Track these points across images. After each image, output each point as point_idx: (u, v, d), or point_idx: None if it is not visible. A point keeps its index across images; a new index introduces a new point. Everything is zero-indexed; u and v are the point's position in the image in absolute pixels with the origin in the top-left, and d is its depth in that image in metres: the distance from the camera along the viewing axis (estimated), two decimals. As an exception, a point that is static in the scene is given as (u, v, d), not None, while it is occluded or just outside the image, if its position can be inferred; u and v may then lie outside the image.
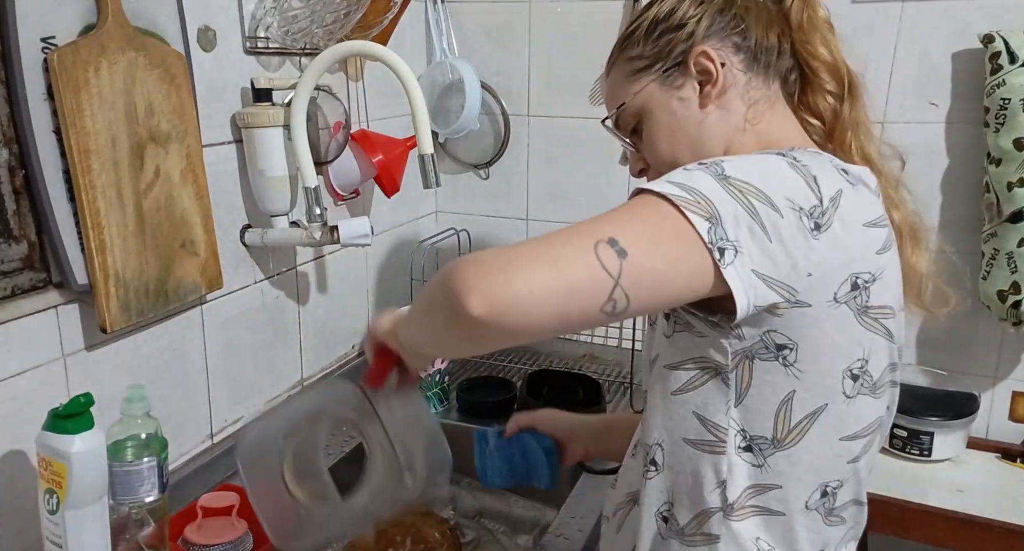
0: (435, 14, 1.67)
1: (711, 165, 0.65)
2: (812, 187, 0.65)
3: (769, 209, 0.62)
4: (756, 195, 0.62)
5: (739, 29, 0.78)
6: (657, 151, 0.82)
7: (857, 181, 0.70)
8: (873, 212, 0.69)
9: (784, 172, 0.65)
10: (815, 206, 0.64)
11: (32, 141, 0.88)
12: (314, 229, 1.20)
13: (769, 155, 0.68)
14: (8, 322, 0.89)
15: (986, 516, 1.29)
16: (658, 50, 0.80)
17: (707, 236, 0.60)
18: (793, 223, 0.62)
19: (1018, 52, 1.30)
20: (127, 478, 0.89)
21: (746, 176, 0.63)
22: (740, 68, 0.78)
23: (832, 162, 0.70)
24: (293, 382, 1.39)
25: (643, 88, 0.81)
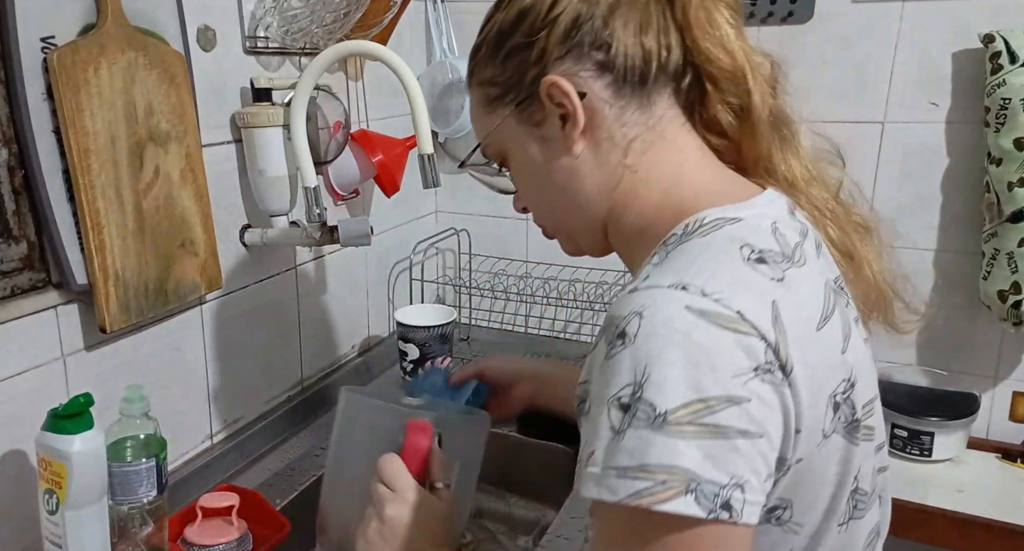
0: (435, 14, 1.67)
1: (634, 408, 0.50)
2: (746, 332, 0.51)
3: (731, 406, 0.50)
4: (709, 410, 0.49)
5: (602, 42, 0.61)
6: (530, 202, 0.71)
7: (777, 258, 0.57)
8: (814, 297, 0.58)
9: (708, 345, 0.50)
10: (765, 350, 0.52)
11: (32, 141, 0.88)
12: (314, 229, 1.20)
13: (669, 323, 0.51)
14: (8, 322, 0.89)
15: (986, 516, 1.29)
16: (509, 75, 0.64)
17: (700, 508, 0.48)
18: (762, 393, 0.51)
19: (1018, 52, 1.30)
20: (126, 478, 0.89)
21: (682, 399, 0.49)
22: (607, 96, 0.62)
23: (746, 255, 0.56)
24: (293, 382, 1.39)
25: (498, 125, 0.67)
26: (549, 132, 0.64)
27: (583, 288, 1.60)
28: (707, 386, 0.50)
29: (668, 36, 0.62)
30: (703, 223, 0.59)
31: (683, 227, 0.60)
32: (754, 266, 0.56)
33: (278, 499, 1.13)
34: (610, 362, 0.52)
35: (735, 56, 0.62)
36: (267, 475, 1.21)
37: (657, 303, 0.52)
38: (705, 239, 0.58)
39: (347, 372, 1.50)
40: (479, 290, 1.70)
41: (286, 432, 1.33)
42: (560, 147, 0.64)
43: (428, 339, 1.42)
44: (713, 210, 0.60)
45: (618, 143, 0.63)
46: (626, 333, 0.52)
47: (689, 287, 0.53)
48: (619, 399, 0.51)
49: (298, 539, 1.09)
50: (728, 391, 0.50)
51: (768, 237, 0.59)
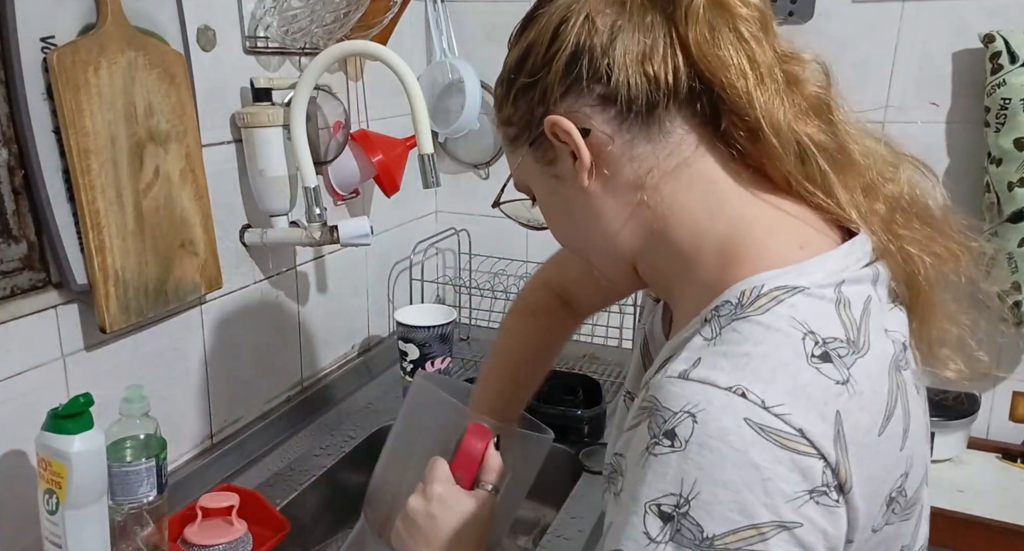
0: (435, 14, 1.67)
1: (676, 521, 0.48)
2: (806, 453, 0.48)
3: (782, 532, 0.47)
4: (757, 536, 0.47)
5: (601, 74, 0.57)
6: (559, 238, 0.70)
7: (842, 350, 0.52)
8: (877, 396, 0.53)
9: (763, 465, 0.47)
10: (824, 475, 0.48)
11: (32, 141, 0.88)
12: (314, 229, 1.20)
13: (725, 435, 0.48)
14: (8, 322, 0.89)
15: (986, 516, 1.29)
16: (520, 115, 0.63)
17: None
18: (814, 517, 0.48)
19: (1018, 52, 1.30)
20: (126, 478, 0.89)
21: (729, 521, 0.47)
22: (611, 131, 0.58)
23: (808, 350, 0.51)
24: (293, 382, 1.39)
25: (519, 163, 0.66)
26: (562, 170, 0.62)
27: (583, 288, 1.60)
28: (759, 512, 0.47)
29: (675, 58, 0.57)
30: (761, 294, 0.53)
31: (738, 296, 0.54)
32: (818, 367, 0.51)
33: (278, 499, 1.13)
34: (654, 460, 0.49)
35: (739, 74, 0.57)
36: (267, 475, 1.21)
37: (713, 408, 0.48)
38: (763, 319, 0.52)
39: (347, 372, 1.50)
40: (479, 290, 1.70)
41: (286, 432, 1.33)
42: (575, 185, 0.61)
43: (428, 339, 1.42)
44: (772, 274, 0.54)
45: (629, 178, 0.59)
46: (676, 435, 0.49)
47: (748, 394, 0.48)
48: (659, 506, 0.48)
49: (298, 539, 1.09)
50: (780, 517, 0.47)
51: (831, 317, 0.53)
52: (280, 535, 1.02)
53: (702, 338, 0.54)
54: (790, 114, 0.58)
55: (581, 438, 1.30)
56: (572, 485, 1.19)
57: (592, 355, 1.65)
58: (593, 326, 1.70)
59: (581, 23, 0.58)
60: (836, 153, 0.59)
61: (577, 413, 1.33)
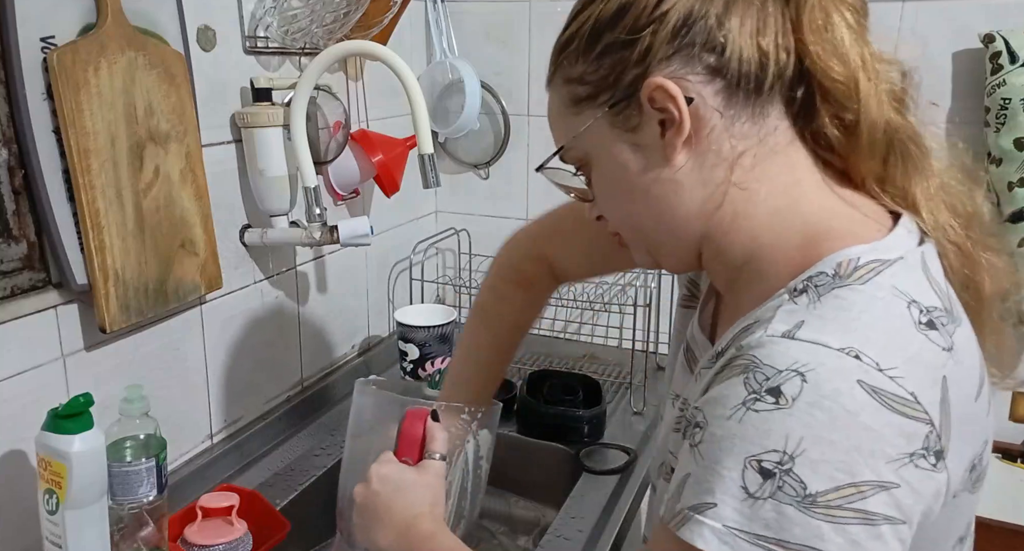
0: (435, 14, 1.67)
1: (781, 483, 0.47)
2: (915, 417, 0.48)
3: (881, 493, 0.47)
4: (858, 494, 0.47)
5: (715, 44, 0.55)
6: (612, 214, 0.64)
7: (944, 319, 0.52)
8: (973, 365, 0.54)
9: (875, 426, 0.47)
10: (927, 436, 0.49)
11: (32, 141, 0.88)
12: (314, 229, 1.20)
13: (839, 395, 0.47)
14: (8, 322, 0.89)
15: (986, 516, 1.29)
16: (604, 74, 0.58)
17: None
18: (912, 480, 0.48)
19: (1018, 52, 1.30)
20: (126, 478, 0.89)
21: (838, 480, 0.46)
22: (716, 104, 0.56)
23: (915, 318, 0.51)
24: (293, 382, 1.39)
25: (587, 127, 0.60)
26: (646, 139, 0.58)
27: (583, 288, 1.60)
28: (861, 471, 0.47)
29: (787, 38, 0.55)
30: (859, 266, 0.53)
31: (835, 266, 0.54)
32: (926, 333, 0.51)
33: (278, 499, 1.13)
34: (755, 416, 0.48)
35: (848, 64, 0.56)
36: (267, 475, 1.21)
37: (825, 369, 0.48)
38: (866, 288, 0.52)
39: (347, 372, 1.50)
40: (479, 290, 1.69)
41: (286, 432, 1.33)
42: (658, 157, 0.58)
43: (428, 339, 1.42)
44: (862, 248, 0.54)
45: (725, 157, 0.57)
46: (782, 392, 0.48)
47: (863, 357, 0.48)
48: (760, 462, 0.47)
49: (298, 539, 1.09)
50: (880, 477, 0.47)
51: (926, 287, 0.54)
52: (280, 535, 1.02)
53: (796, 305, 0.53)
54: (887, 111, 0.57)
55: (581, 438, 1.30)
56: (572, 485, 1.19)
57: (592, 355, 1.65)
58: (593, 326, 1.70)
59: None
60: (918, 152, 0.59)
61: (577, 413, 1.33)
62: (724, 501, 0.48)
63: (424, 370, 1.43)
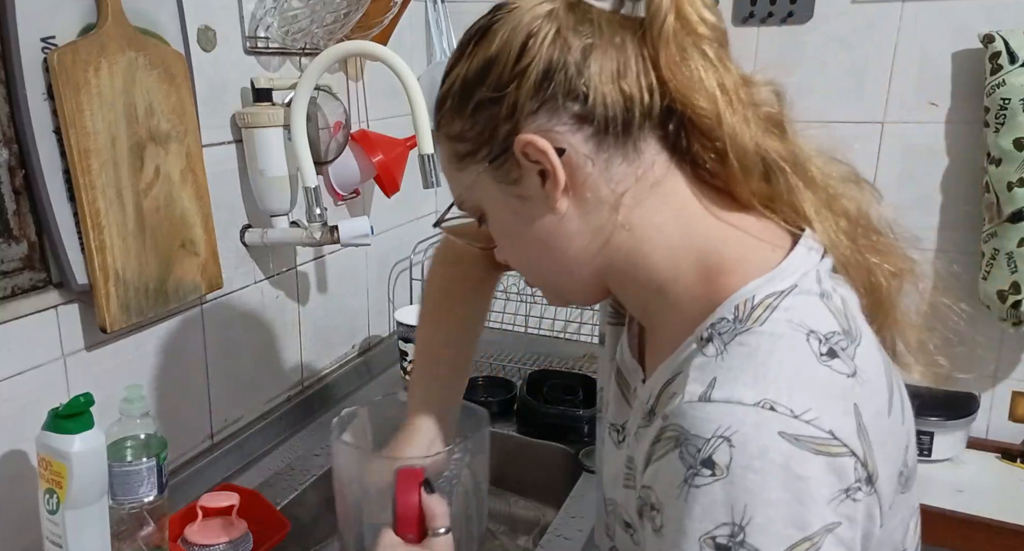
0: (435, 14, 1.67)
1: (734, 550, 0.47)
2: (839, 454, 0.49)
3: (828, 535, 0.48)
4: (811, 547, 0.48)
5: (578, 92, 0.56)
6: (512, 259, 0.66)
7: (842, 342, 0.53)
8: (879, 379, 0.55)
9: (810, 478, 0.48)
10: (856, 471, 0.49)
11: (32, 141, 0.88)
12: (314, 229, 1.20)
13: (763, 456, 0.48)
14: (8, 322, 0.89)
15: (986, 516, 1.29)
16: (479, 131, 0.59)
17: None
18: (851, 513, 0.49)
19: (1018, 52, 1.30)
20: (126, 478, 0.89)
21: (786, 537, 0.47)
22: (588, 151, 0.57)
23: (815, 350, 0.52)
24: (293, 382, 1.39)
25: (472, 182, 0.62)
26: (528, 190, 0.59)
27: (583, 288, 1.60)
28: (810, 522, 0.47)
29: (648, 77, 0.57)
30: (755, 305, 0.54)
31: (733, 310, 0.55)
32: (829, 365, 0.52)
33: (278, 499, 1.13)
34: (697, 492, 0.49)
35: (710, 96, 0.57)
36: (267, 475, 1.21)
37: (747, 428, 0.48)
38: (764, 329, 0.53)
39: (347, 372, 1.50)
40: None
41: (286, 432, 1.33)
42: (542, 206, 0.59)
43: (428, 339, 1.41)
44: (756, 283, 0.55)
45: (606, 199, 0.58)
46: (715, 463, 0.48)
47: (777, 407, 0.49)
48: (714, 539, 0.48)
49: (298, 539, 1.09)
50: (825, 520, 0.48)
51: (822, 311, 0.55)
52: (280, 535, 1.02)
53: (705, 356, 0.53)
54: (756, 135, 0.58)
55: (581, 438, 1.30)
56: (572, 485, 1.19)
57: (592, 355, 1.65)
58: (593, 326, 1.70)
59: (552, 39, 0.56)
60: (798, 171, 0.60)
61: (577, 413, 1.33)
62: None
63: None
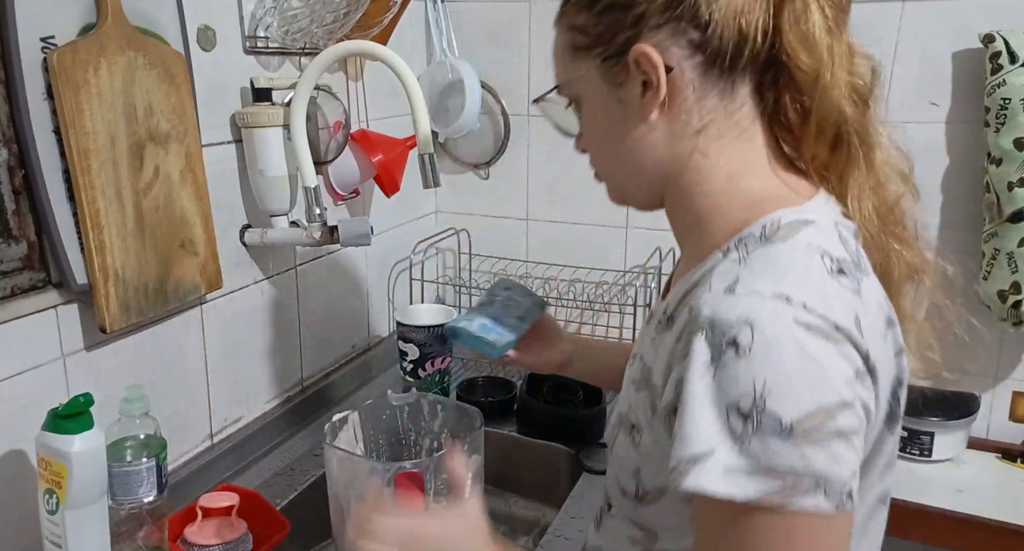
0: (435, 14, 1.67)
1: (758, 419, 0.53)
2: (848, 345, 0.55)
3: (846, 410, 0.54)
4: (828, 417, 0.53)
5: (701, 20, 0.60)
6: (593, 151, 0.72)
7: (851, 268, 0.60)
8: (879, 308, 0.62)
9: (822, 358, 0.54)
10: (860, 361, 0.56)
11: (32, 141, 0.88)
12: (314, 229, 1.20)
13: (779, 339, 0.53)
14: (8, 322, 0.89)
15: (986, 516, 1.29)
16: (601, 30, 0.64)
17: (829, 503, 0.53)
18: (862, 397, 0.55)
19: (1018, 52, 1.30)
20: (126, 478, 0.89)
21: (802, 409, 0.52)
22: (693, 76, 0.62)
23: (825, 265, 0.58)
24: (293, 382, 1.39)
25: (581, 74, 0.66)
26: (628, 95, 0.64)
27: (583, 288, 1.60)
28: (825, 394, 0.53)
29: (767, 22, 0.61)
30: (780, 226, 0.61)
31: (761, 228, 0.61)
32: (837, 278, 0.58)
33: (278, 499, 1.13)
34: (723, 370, 0.54)
35: (815, 55, 0.61)
36: (267, 475, 1.21)
37: (766, 315, 0.54)
38: (787, 245, 0.60)
39: (347, 372, 1.50)
40: (479, 290, 1.70)
41: (286, 432, 1.33)
42: (635, 113, 0.64)
43: (428, 339, 1.42)
44: (785, 211, 0.62)
45: (694, 125, 0.63)
46: (738, 343, 0.54)
47: (792, 300, 0.55)
48: (738, 408, 0.53)
49: (298, 539, 1.09)
50: (842, 397, 0.53)
51: (837, 243, 0.61)
52: (280, 535, 1.02)
53: (729, 262, 0.60)
54: (842, 102, 0.62)
55: (581, 438, 1.30)
56: (572, 485, 1.19)
57: (592, 355, 1.65)
58: (593, 326, 1.70)
59: None
60: (863, 148, 0.64)
61: (577, 413, 1.33)
62: (717, 448, 0.54)
63: (424, 370, 1.43)
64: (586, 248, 1.73)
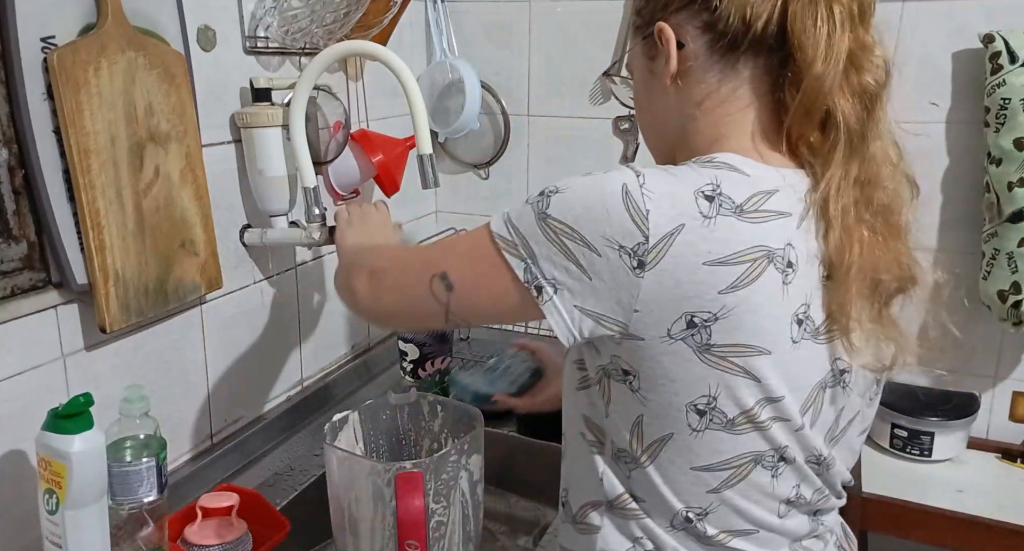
0: (435, 14, 1.67)
1: (542, 200, 0.66)
2: (639, 224, 0.62)
3: (584, 248, 0.63)
4: (570, 236, 0.64)
5: (711, 5, 0.69)
6: (638, 114, 0.84)
7: (726, 205, 0.63)
8: (726, 248, 0.63)
9: (610, 207, 0.63)
10: (639, 244, 0.62)
11: (32, 141, 0.88)
12: (313, 229, 1.20)
13: (609, 181, 0.64)
14: (8, 322, 0.89)
15: (986, 516, 1.29)
16: (648, 12, 0.75)
17: (523, 275, 0.66)
18: (612, 260, 0.63)
19: (1018, 52, 1.30)
20: (126, 478, 0.89)
21: (563, 216, 0.64)
22: (700, 53, 0.71)
23: (702, 187, 0.64)
24: (293, 382, 1.39)
25: (633, 48, 0.79)
26: (657, 67, 0.75)
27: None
28: (583, 225, 0.63)
29: (771, 11, 0.67)
30: (714, 160, 0.67)
31: (701, 156, 0.69)
32: (696, 198, 0.64)
33: (278, 499, 1.13)
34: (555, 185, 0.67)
35: (815, 45, 0.66)
36: (267, 475, 1.21)
37: (612, 171, 0.65)
38: (695, 165, 0.67)
39: (347, 372, 1.50)
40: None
41: (286, 432, 1.33)
42: (659, 81, 0.75)
43: (428, 339, 1.41)
44: (730, 155, 0.68)
45: (695, 97, 0.73)
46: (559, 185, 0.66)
47: (640, 176, 0.64)
48: (542, 191, 0.67)
49: (298, 539, 1.09)
50: (589, 240, 0.63)
51: (742, 190, 0.65)
52: (280, 535, 1.02)
53: None
54: (835, 89, 0.68)
55: (581, 438, 1.30)
56: (572, 485, 1.19)
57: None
58: (593, 326, 1.70)
59: None
60: (856, 138, 0.70)
61: (577, 413, 1.32)
62: (513, 205, 0.68)
63: (424, 370, 1.43)
64: (586, 248, 1.73)
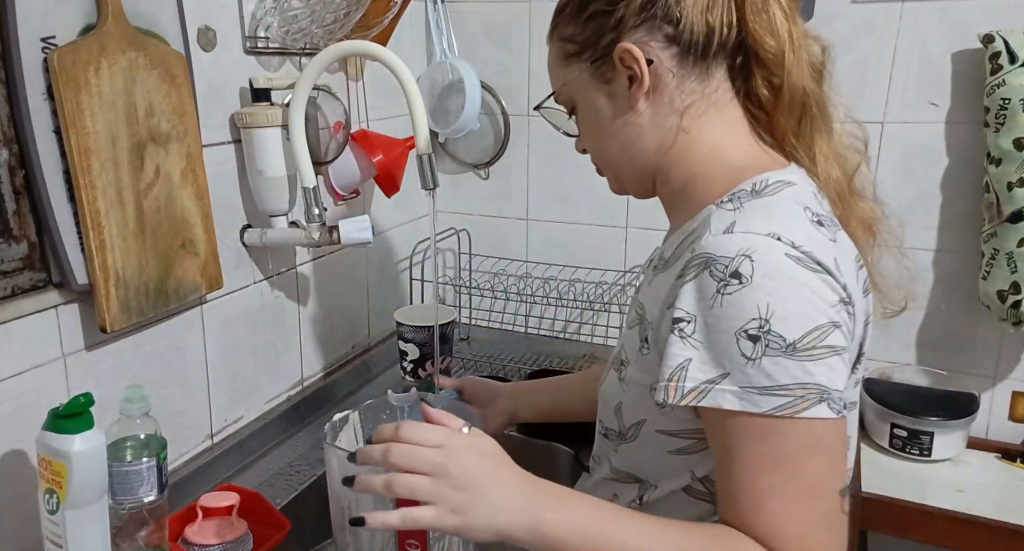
0: (435, 14, 1.67)
1: (763, 339, 0.61)
2: (830, 278, 0.64)
3: (835, 329, 0.63)
4: (822, 334, 0.62)
5: (673, 17, 0.70)
6: (591, 147, 0.81)
7: (828, 222, 0.69)
8: (853, 256, 0.71)
9: (813, 285, 0.63)
10: (842, 291, 0.65)
11: (32, 141, 0.88)
12: (313, 229, 1.20)
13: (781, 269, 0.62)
14: (8, 322, 0.89)
15: (986, 516, 1.29)
16: (587, 36, 0.73)
17: (833, 410, 0.62)
18: (846, 321, 0.64)
19: (1018, 52, 1.30)
20: (126, 478, 0.89)
21: (801, 326, 0.62)
22: (671, 65, 0.71)
23: (807, 216, 0.67)
24: (293, 382, 1.39)
25: (573, 78, 0.76)
26: (616, 90, 0.74)
27: (583, 288, 1.60)
28: (817, 316, 0.62)
29: (731, 15, 0.70)
30: (768, 184, 0.70)
31: (752, 185, 0.70)
32: (817, 227, 0.67)
33: (278, 499, 1.13)
34: (730, 297, 0.62)
35: (779, 39, 0.71)
36: (267, 475, 1.21)
37: (762, 249, 0.63)
38: (774, 198, 0.68)
39: (347, 372, 1.50)
40: (479, 290, 1.70)
41: (286, 432, 1.33)
42: (624, 104, 0.73)
43: (428, 339, 1.42)
44: (770, 173, 0.71)
45: (676, 107, 0.73)
46: (741, 274, 0.62)
47: (782, 238, 0.63)
48: (746, 332, 0.61)
49: (298, 539, 1.09)
50: (831, 318, 0.63)
51: (816, 202, 0.70)
52: (280, 535, 1.02)
53: (725, 211, 0.68)
54: (805, 78, 0.72)
55: (581, 438, 1.30)
56: (572, 485, 1.19)
57: (592, 355, 1.65)
58: (593, 326, 1.70)
59: None
60: (823, 117, 0.75)
61: (577, 413, 1.32)
62: (732, 369, 0.62)
63: (424, 370, 1.43)
64: (586, 248, 1.74)
